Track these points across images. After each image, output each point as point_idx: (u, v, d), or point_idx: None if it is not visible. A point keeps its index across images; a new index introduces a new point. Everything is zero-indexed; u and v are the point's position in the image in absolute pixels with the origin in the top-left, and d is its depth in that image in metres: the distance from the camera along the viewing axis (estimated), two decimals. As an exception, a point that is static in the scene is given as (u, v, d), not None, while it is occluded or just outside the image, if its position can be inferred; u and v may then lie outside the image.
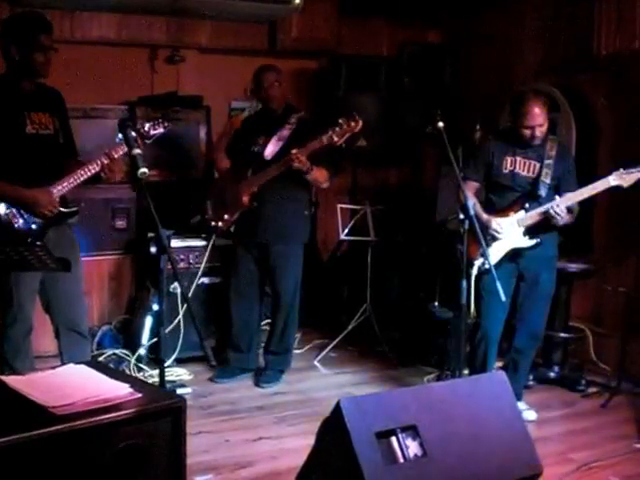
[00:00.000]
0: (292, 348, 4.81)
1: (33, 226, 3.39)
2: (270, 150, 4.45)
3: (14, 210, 3.35)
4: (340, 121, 4.17)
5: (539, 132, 3.91)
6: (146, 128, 3.61)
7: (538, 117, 3.87)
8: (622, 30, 4.79)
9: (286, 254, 4.52)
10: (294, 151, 4.21)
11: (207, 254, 4.83)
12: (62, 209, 3.47)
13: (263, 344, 4.81)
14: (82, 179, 3.46)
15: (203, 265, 4.82)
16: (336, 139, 4.18)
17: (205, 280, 4.88)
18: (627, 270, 4.82)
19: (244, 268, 4.58)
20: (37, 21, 3.43)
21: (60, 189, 3.44)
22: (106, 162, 3.45)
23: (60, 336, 3.63)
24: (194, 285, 4.77)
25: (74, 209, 3.56)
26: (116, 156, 3.49)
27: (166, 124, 3.68)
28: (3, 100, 3.40)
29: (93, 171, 3.45)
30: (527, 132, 3.91)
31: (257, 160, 4.45)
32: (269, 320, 4.87)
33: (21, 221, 3.36)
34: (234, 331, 4.63)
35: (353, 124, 4.16)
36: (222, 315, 4.75)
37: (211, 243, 4.81)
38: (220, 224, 4.55)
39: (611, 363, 4.81)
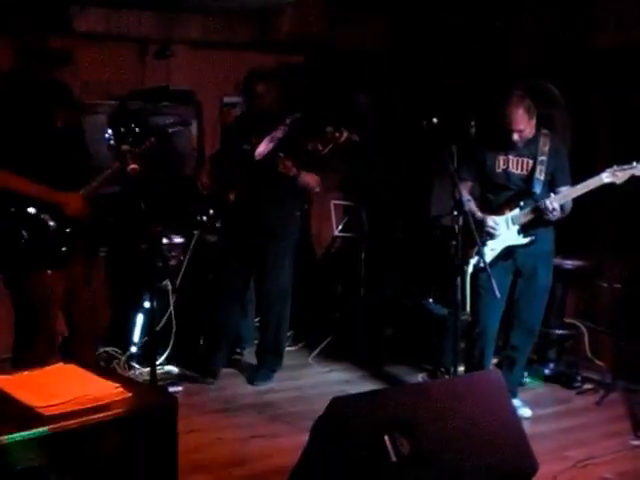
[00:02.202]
0: (284, 347, 4.78)
1: (68, 230, 3.28)
2: (260, 150, 4.40)
3: (48, 214, 3.24)
4: (327, 130, 4.18)
5: (517, 137, 3.92)
6: (165, 126, 3.66)
7: (519, 122, 3.89)
8: (620, 25, 4.78)
9: (278, 254, 4.48)
10: (281, 154, 4.21)
11: (190, 251, 4.76)
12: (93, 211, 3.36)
13: (256, 342, 4.77)
14: (110, 177, 3.34)
15: (186, 262, 4.77)
16: (320, 148, 4.19)
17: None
18: (622, 267, 4.81)
19: (229, 268, 4.52)
20: (49, 2, 3.35)
21: (90, 190, 3.34)
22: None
23: (72, 342, 3.48)
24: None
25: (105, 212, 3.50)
26: (139, 153, 3.36)
27: (184, 122, 3.73)
28: (28, 92, 3.26)
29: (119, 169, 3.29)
30: (509, 134, 3.92)
31: (246, 159, 4.41)
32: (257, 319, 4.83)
33: (56, 225, 3.25)
34: (209, 330, 4.56)
35: (338, 135, 4.17)
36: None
37: (194, 240, 4.75)
38: (204, 218, 4.51)
39: (606, 360, 4.80)
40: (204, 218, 4.52)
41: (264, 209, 4.41)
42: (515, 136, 3.91)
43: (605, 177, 3.78)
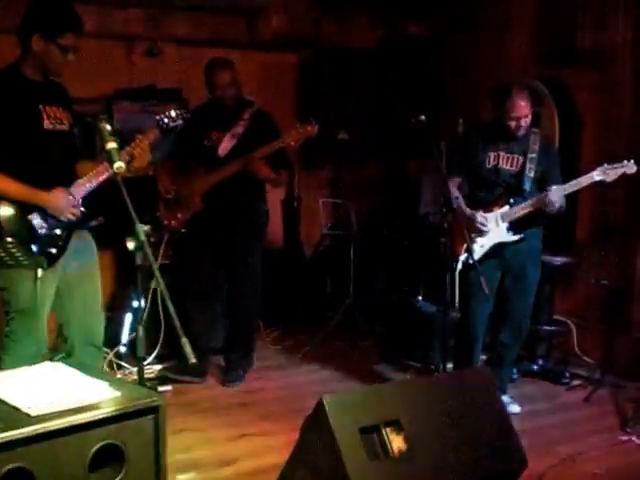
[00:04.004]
0: (255, 345, 4.74)
1: (57, 231, 3.18)
2: (224, 147, 4.36)
3: (38, 215, 3.13)
4: (296, 124, 4.16)
5: (524, 122, 3.91)
6: (165, 120, 3.39)
7: (524, 108, 3.88)
8: (604, 25, 4.79)
9: (250, 253, 4.45)
10: (256, 158, 4.18)
11: (161, 251, 4.69)
12: (84, 211, 3.24)
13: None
14: (103, 176, 3.21)
15: (158, 261, 4.70)
16: (292, 143, 4.16)
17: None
18: (610, 263, 4.82)
19: (199, 269, 4.48)
20: (68, 14, 3.15)
21: (83, 189, 3.22)
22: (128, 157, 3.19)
23: (75, 350, 3.37)
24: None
25: (98, 210, 3.33)
26: (141, 146, 3.26)
27: (185, 115, 3.47)
28: (15, 91, 3.14)
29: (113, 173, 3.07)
30: (512, 124, 3.91)
31: (210, 157, 4.36)
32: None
33: (45, 227, 3.14)
34: (192, 333, 4.51)
35: (310, 128, 4.14)
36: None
37: (164, 241, 4.68)
38: (173, 222, 4.42)
39: (595, 356, 4.81)
40: (172, 222, 4.43)
41: (232, 208, 4.36)
42: (522, 122, 3.89)
43: (596, 175, 3.80)
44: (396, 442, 2.65)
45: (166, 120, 3.40)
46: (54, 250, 3.17)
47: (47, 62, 3.16)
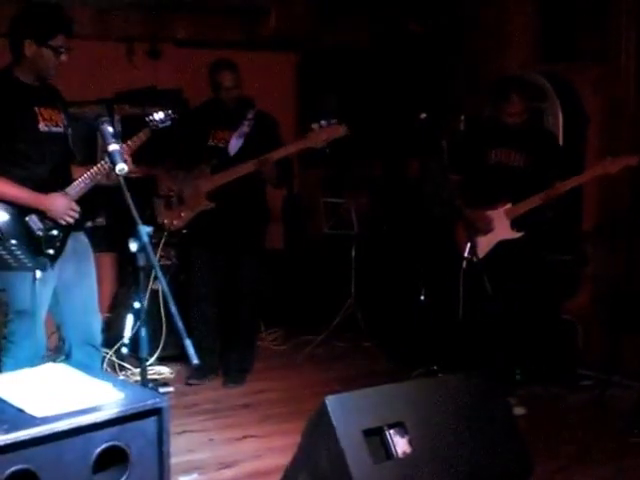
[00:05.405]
0: (256, 346, 4.74)
1: (54, 232, 3.18)
2: (233, 146, 4.35)
3: (35, 217, 3.15)
4: (322, 123, 4.11)
5: (519, 118, 3.91)
6: (155, 122, 3.43)
7: (518, 103, 3.88)
8: (605, 22, 4.78)
9: (250, 252, 4.45)
10: (266, 159, 4.15)
11: (159, 251, 4.66)
12: (80, 212, 3.25)
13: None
14: (98, 177, 3.24)
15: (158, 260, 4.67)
16: (320, 144, 4.11)
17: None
18: (617, 262, 4.79)
19: (201, 269, 4.47)
20: (58, 17, 3.22)
21: (78, 191, 3.24)
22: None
23: (73, 350, 3.38)
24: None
25: (93, 211, 3.39)
26: (134, 148, 3.31)
27: (173, 116, 3.50)
28: (10, 94, 3.17)
29: (107, 167, 3.18)
30: (509, 119, 3.90)
31: (220, 156, 4.35)
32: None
33: (42, 228, 3.16)
34: (198, 333, 4.46)
35: (340, 129, 4.10)
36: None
37: (162, 242, 4.63)
38: (175, 222, 4.39)
39: (601, 356, 4.77)
40: (174, 222, 4.40)
41: (235, 207, 4.35)
42: (517, 118, 3.89)
43: (600, 168, 3.79)
44: (400, 444, 2.64)
45: (155, 121, 3.45)
46: (52, 251, 3.19)
47: (40, 65, 3.20)
